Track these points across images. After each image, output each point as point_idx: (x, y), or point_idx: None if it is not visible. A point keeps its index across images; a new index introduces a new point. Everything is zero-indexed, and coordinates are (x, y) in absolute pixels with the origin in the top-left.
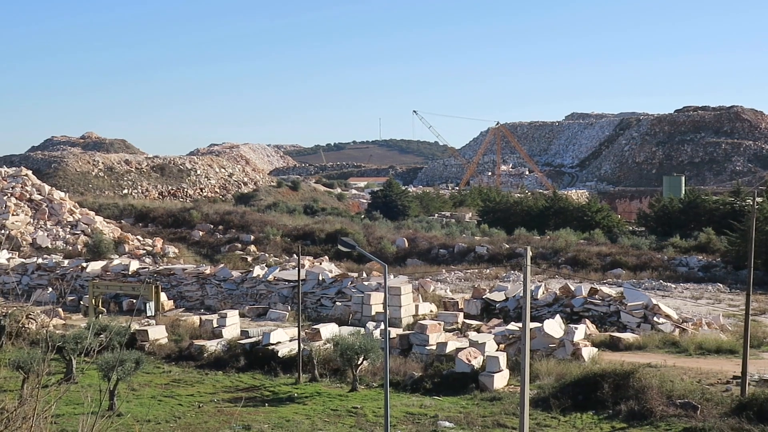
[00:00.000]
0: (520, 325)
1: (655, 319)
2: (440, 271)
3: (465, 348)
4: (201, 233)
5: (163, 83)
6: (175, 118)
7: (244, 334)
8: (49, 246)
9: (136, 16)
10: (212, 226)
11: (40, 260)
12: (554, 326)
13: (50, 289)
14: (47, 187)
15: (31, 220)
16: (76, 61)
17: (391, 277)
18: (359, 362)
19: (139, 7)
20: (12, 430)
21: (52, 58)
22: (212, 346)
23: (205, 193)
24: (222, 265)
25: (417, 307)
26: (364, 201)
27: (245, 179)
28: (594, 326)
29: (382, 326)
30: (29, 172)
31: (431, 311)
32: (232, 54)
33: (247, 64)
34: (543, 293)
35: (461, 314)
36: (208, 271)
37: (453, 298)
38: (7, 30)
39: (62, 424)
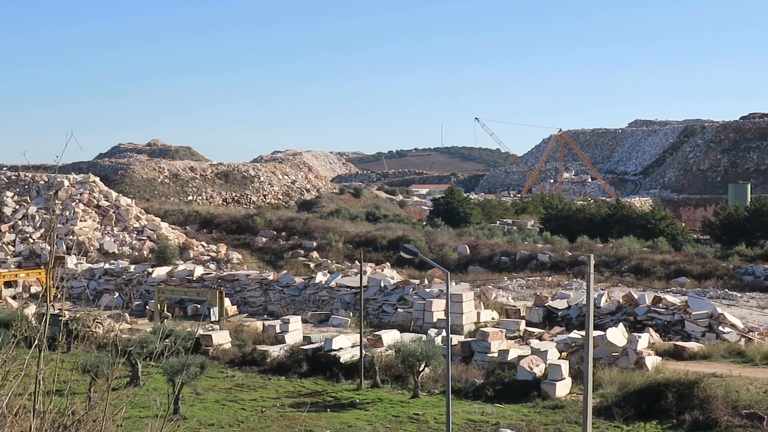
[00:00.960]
0: (582, 333)
1: (720, 328)
2: (502, 279)
3: (527, 356)
4: (264, 239)
5: (228, 90)
6: (240, 126)
7: (307, 339)
8: (116, 251)
9: (199, 21)
10: (275, 233)
11: (107, 265)
12: (617, 335)
13: (117, 293)
14: (114, 194)
15: (99, 226)
16: (142, 68)
17: (453, 284)
18: (421, 369)
19: (202, 8)
20: None
21: (120, 65)
22: (275, 351)
23: (268, 200)
24: (285, 272)
25: (479, 314)
26: (426, 208)
27: (308, 186)
28: (658, 335)
29: (444, 333)
30: (97, 179)
31: (493, 318)
32: (296, 60)
33: (310, 71)
34: (606, 301)
35: (523, 322)
36: (271, 277)
37: (515, 306)
38: (74, 38)
39: (128, 428)
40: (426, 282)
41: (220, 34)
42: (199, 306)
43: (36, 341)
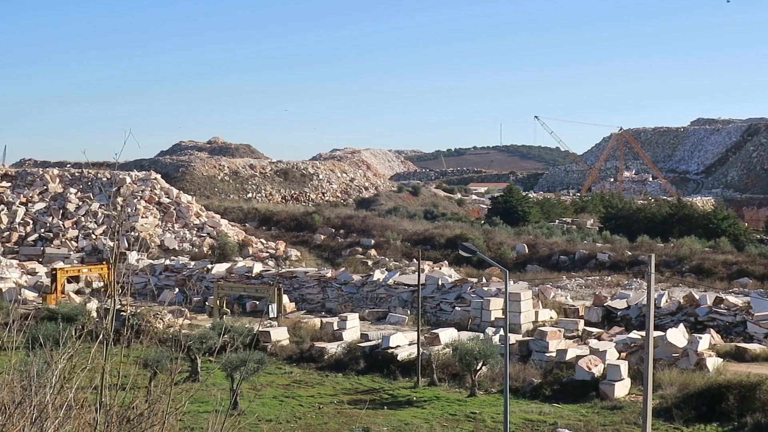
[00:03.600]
0: (642, 333)
1: None
2: (561, 278)
3: (585, 355)
4: (322, 237)
5: (287, 89)
6: (299, 124)
7: (364, 337)
8: (176, 248)
9: (259, 19)
10: (334, 230)
11: (167, 261)
12: (678, 335)
13: (177, 289)
14: (175, 191)
15: (160, 223)
16: (204, 66)
17: (511, 282)
18: (478, 367)
19: (262, 6)
20: (145, 428)
21: (182, 63)
22: (332, 348)
23: (326, 198)
24: (343, 269)
25: (537, 313)
26: (484, 206)
27: (366, 184)
28: (719, 336)
29: (502, 332)
30: (158, 176)
31: (551, 318)
32: (356, 58)
33: (368, 68)
34: (666, 302)
35: (582, 321)
36: (329, 275)
37: (573, 305)
38: (136, 36)
39: (187, 422)
40: (484, 280)
41: (281, 31)
42: (257, 302)
43: (101, 336)
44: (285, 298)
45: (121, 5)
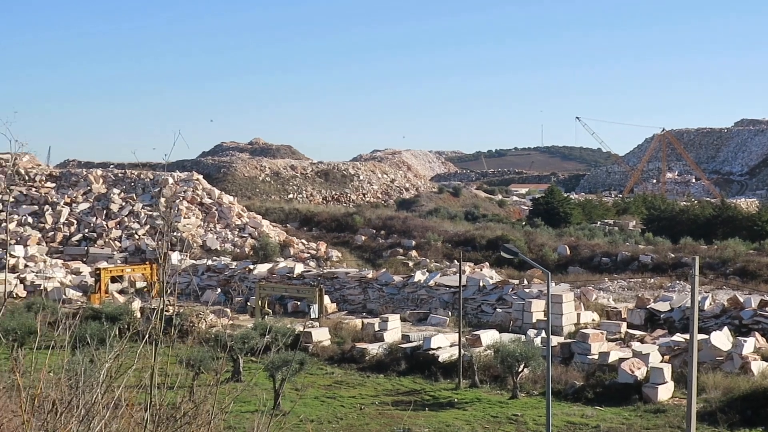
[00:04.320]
0: (685, 336)
1: None
2: (603, 280)
3: (628, 358)
4: (363, 238)
5: (327, 89)
6: (340, 125)
7: (405, 338)
8: (218, 248)
9: (300, 19)
10: (374, 231)
11: (209, 262)
12: (722, 338)
13: (219, 289)
14: (217, 191)
15: (202, 223)
16: (245, 67)
17: (553, 284)
18: (520, 369)
19: (303, 6)
20: (191, 428)
21: (221, 64)
22: (374, 349)
23: (367, 199)
24: (384, 270)
25: (579, 315)
26: (525, 208)
27: (407, 185)
28: (764, 340)
29: (543, 334)
30: (200, 177)
31: (593, 320)
32: (396, 59)
33: (409, 69)
34: (710, 304)
35: (624, 324)
36: (370, 276)
37: (616, 308)
38: (175, 37)
39: (229, 421)
40: (525, 282)
41: (321, 32)
42: (299, 303)
43: (146, 335)
44: (326, 299)
45: (160, 5)
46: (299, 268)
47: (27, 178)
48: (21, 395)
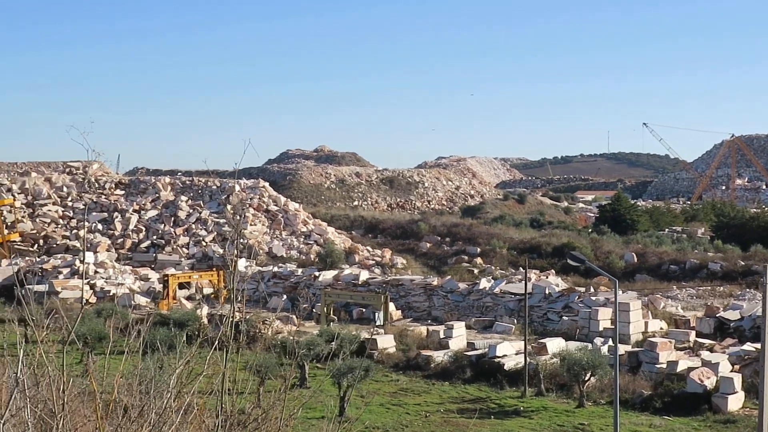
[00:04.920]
0: (756, 345)
1: None
2: (671, 288)
3: (697, 367)
4: (428, 245)
5: (393, 97)
6: (404, 132)
7: (471, 345)
8: (284, 255)
9: (362, 27)
10: (439, 238)
11: (275, 268)
12: None
13: (284, 296)
14: (283, 199)
15: (268, 230)
16: (311, 75)
17: (620, 292)
18: (586, 378)
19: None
20: None
21: (286, 71)
22: (439, 356)
23: (432, 206)
24: (449, 277)
25: (646, 323)
26: (592, 215)
27: (472, 192)
28: None
29: (610, 342)
30: (266, 184)
31: (661, 328)
32: (462, 65)
33: (475, 76)
34: None
35: (693, 332)
36: (435, 283)
37: (684, 316)
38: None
39: (296, 428)
40: (592, 290)
41: (387, 38)
42: (364, 310)
43: (216, 341)
44: (391, 306)
45: (225, 11)
46: (364, 275)
47: (97, 185)
48: (96, 400)
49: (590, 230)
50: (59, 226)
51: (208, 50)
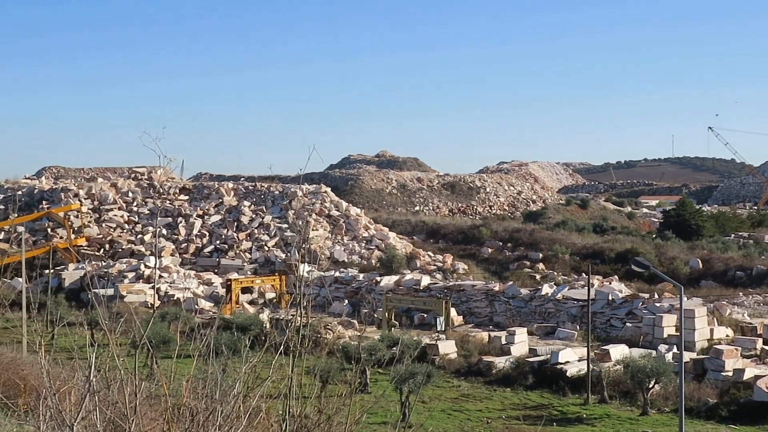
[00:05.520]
0: None
1: None
2: (737, 294)
3: (765, 376)
4: (490, 250)
5: (454, 101)
6: (466, 137)
7: (533, 352)
8: (345, 260)
9: (419, 38)
10: (501, 244)
11: (337, 273)
12: None
13: (346, 301)
14: (344, 204)
15: (329, 235)
16: (373, 82)
17: (685, 299)
18: (650, 386)
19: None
20: None
21: (348, 78)
22: (500, 362)
23: (494, 211)
24: (511, 283)
25: (712, 330)
26: (656, 220)
27: (534, 197)
28: None
29: (675, 349)
30: (328, 189)
31: (727, 336)
32: (523, 71)
33: (538, 82)
34: None
35: (760, 340)
36: (496, 288)
37: (751, 323)
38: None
39: None
40: (656, 296)
41: (449, 44)
42: (425, 315)
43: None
44: (453, 312)
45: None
46: (426, 280)
47: (162, 191)
48: (166, 403)
49: (654, 236)
50: (125, 230)
51: (270, 55)
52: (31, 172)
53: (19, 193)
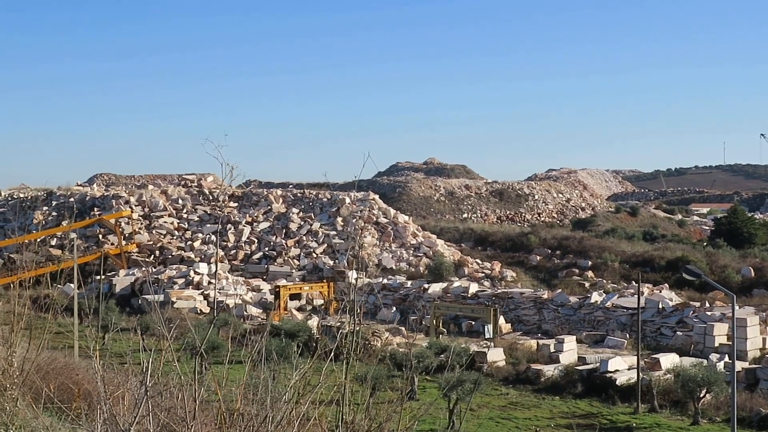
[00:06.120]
0: None
1: None
2: None
3: None
4: (538, 258)
5: (502, 109)
6: (515, 144)
7: (581, 360)
8: (393, 267)
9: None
10: (549, 251)
11: (385, 281)
12: None
13: (394, 308)
14: (392, 211)
15: (377, 242)
16: (422, 91)
17: (737, 307)
18: (701, 395)
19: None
20: None
21: (396, 87)
22: (549, 370)
23: (542, 218)
24: (559, 290)
25: (764, 339)
26: (707, 228)
27: (582, 204)
28: None
29: (726, 358)
30: (376, 197)
31: None
32: (571, 79)
33: (586, 89)
34: None
35: None
36: (545, 296)
37: None
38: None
39: None
40: (707, 305)
41: (498, 51)
42: (473, 323)
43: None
44: (501, 319)
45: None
46: (474, 287)
47: (211, 198)
48: (220, 408)
49: (705, 244)
50: (174, 237)
51: (319, 61)
52: (83, 179)
53: (72, 200)
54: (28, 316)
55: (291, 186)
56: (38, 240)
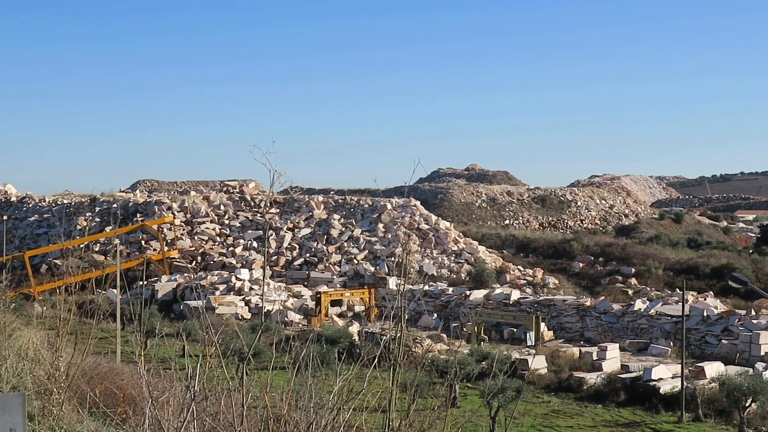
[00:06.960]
0: None
1: None
2: None
3: None
4: (581, 265)
5: (544, 115)
6: (557, 150)
7: (625, 368)
8: (435, 273)
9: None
10: (592, 258)
11: (426, 287)
12: None
13: (435, 314)
14: (434, 217)
15: (419, 249)
16: (461, 94)
17: None
18: (747, 404)
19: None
20: None
21: (439, 91)
22: (592, 378)
23: (585, 225)
24: (602, 298)
25: None
26: (753, 235)
27: (626, 211)
28: None
29: None
30: (417, 203)
31: None
32: (613, 85)
33: (629, 94)
34: None
35: None
36: (588, 303)
37: None
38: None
39: None
40: (753, 312)
41: (536, 60)
42: (515, 330)
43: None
44: (543, 326)
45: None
46: (515, 294)
47: (253, 204)
48: (264, 414)
49: (751, 251)
50: (216, 243)
51: (360, 67)
52: (126, 185)
53: (115, 206)
54: (73, 322)
55: (332, 192)
56: (82, 246)
